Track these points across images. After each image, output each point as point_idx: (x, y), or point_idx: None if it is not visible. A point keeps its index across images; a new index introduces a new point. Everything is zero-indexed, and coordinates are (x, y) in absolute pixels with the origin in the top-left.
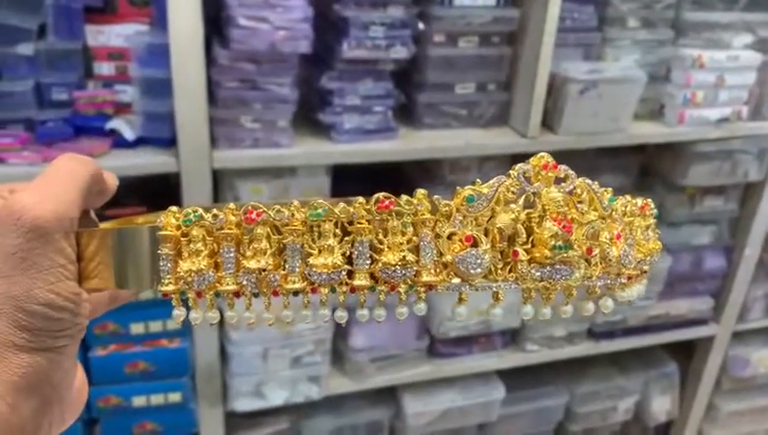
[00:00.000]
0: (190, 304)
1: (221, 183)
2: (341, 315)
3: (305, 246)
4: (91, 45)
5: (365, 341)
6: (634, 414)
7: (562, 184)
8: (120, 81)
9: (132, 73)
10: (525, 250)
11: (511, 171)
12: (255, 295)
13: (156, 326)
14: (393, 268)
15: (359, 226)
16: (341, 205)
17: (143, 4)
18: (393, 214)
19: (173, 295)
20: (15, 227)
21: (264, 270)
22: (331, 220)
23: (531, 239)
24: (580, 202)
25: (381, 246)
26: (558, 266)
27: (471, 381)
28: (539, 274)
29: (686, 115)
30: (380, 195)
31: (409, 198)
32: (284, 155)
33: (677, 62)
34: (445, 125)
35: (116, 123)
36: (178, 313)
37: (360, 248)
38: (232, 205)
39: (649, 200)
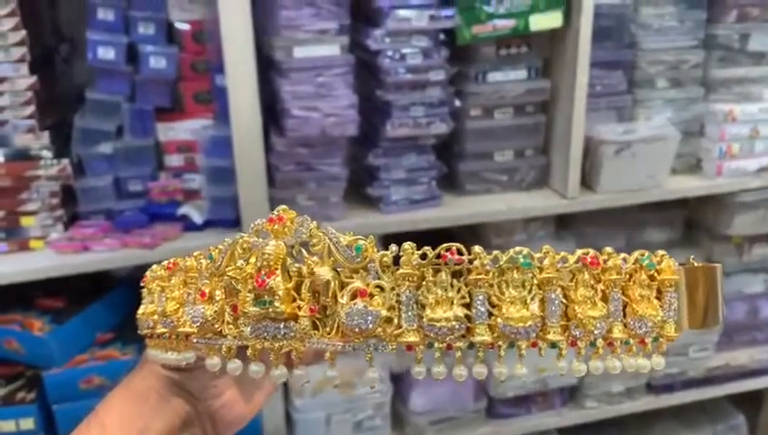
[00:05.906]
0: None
1: None
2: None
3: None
4: (162, 141)
5: (424, 404)
6: None
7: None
8: (189, 170)
9: (199, 163)
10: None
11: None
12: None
13: None
14: (150, 319)
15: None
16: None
17: (207, 102)
18: (175, 273)
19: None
20: None
21: None
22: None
23: None
24: (315, 254)
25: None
26: (266, 323)
27: None
28: (248, 330)
29: (724, 167)
30: (170, 260)
31: (193, 260)
32: (337, 228)
33: (710, 117)
34: (486, 191)
35: (186, 209)
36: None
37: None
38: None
39: (479, 251)
